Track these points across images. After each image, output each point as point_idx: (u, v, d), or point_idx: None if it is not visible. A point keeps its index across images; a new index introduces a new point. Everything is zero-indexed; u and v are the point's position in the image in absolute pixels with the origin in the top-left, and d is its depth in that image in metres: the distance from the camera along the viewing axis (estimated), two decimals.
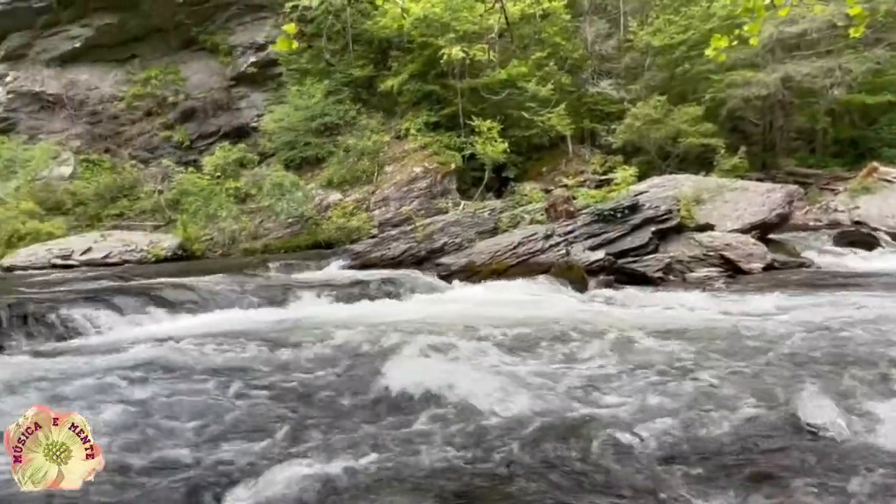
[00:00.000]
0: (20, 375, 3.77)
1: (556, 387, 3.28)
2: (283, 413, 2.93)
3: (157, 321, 5.88)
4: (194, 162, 17.97)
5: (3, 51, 18.39)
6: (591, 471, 2.23)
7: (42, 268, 11.40)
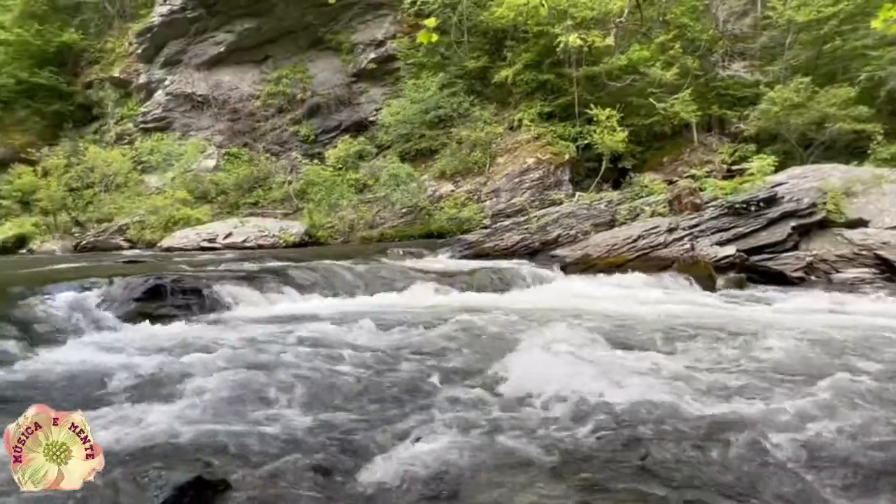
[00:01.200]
0: (181, 340, 4.30)
1: (686, 386, 3.12)
2: (402, 392, 3.07)
3: (291, 300, 6.39)
4: (318, 154, 19.22)
5: (163, 57, 20.82)
6: (731, 474, 2.10)
7: (192, 249, 12.86)
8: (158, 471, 1.91)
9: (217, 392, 2.89)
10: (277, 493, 1.90)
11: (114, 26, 22.45)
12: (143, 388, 3.10)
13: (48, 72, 21.38)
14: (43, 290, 5.62)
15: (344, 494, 1.96)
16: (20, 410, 2.76)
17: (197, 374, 3.19)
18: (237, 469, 2.02)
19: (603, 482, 2.00)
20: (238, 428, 2.40)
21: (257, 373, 3.14)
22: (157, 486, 1.81)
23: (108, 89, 21.57)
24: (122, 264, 9.51)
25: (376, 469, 2.10)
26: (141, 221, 15.60)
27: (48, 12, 21.71)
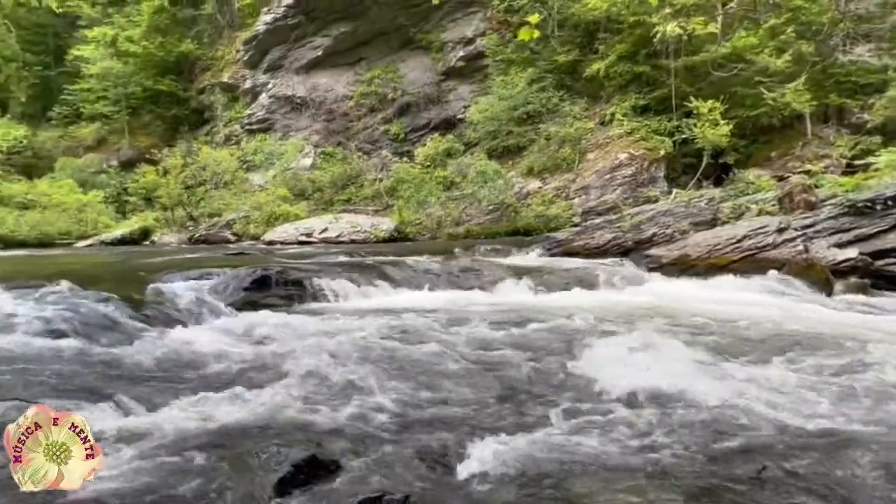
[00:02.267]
0: (285, 327, 4.58)
1: (801, 398, 2.89)
2: (497, 387, 3.08)
3: (384, 294, 6.61)
4: (408, 153, 19.68)
5: (266, 63, 22.20)
6: (863, 497, 1.93)
7: (291, 243, 13.65)
8: (277, 447, 2.06)
9: (322, 377, 3.06)
10: (383, 477, 1.98)
11: (224, 35, 24.25)
12: (255, 370, 3.34)
13: (168, 80, 23.53)
14: (165, 278, 6.22)
15: (445, 482, 2.02)
16: (154, 382, 3.09)
17: (302, 360, 3.39)
18: (345, 451, 2.13)
19: (716, 492, 1.91)
20: (344, 412, 2.53)
21: (359, 361, 3.29)
22: (277, 461, 1.96)
23: (218, 94, 23.34)
24: (230, 256, 10.30)
25: (476, 461, 2.13)
26: (246, 216, 16.77)
27: (169, 26, 23.85)
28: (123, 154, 23.04)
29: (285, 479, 1.85)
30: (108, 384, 2.93)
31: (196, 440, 2.22)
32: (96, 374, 3.08)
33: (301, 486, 1.86)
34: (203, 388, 2.93)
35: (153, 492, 1.82)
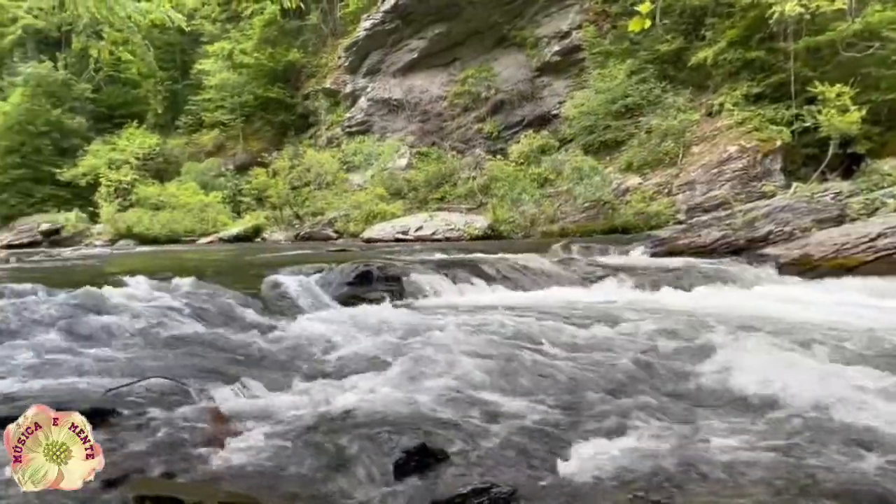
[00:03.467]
0: (387, 321, 4.76)
1: None
2: (602, 386, 3.00)
3: (480, 291, 6.67)
4: (501, 150, 19.64)
5: (365, 67, 23.11)
6: None
7: (388, 240, 14.13)
8: (388, 434, 2.16)
9: (424, 370, 3.15)
10: (489, 469, 2.01)
11: (327, 43, 25.55)
12: (362, 360, 3.51)
13: (277, 88, 25.20)
14: (276, 273, 6.68)
15: (550, 480, 2.01)
16: (272, 367, 3.35)
17: (405, 353, 3.51)
18: (451, 442, 2.18)
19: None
20: (448, 405, 2.59)
21: (460, 356, 3.35)
22: (389, 447, 2.05)
23: (322, 99, 24.64)
24: (332, 252, 10.86)
25: (582, 460, 2.10)
26: (346, 215, 17.60)
27: (278, 37, 25.52)
28: (238, 158, 25.00)
29: (398, 465, 1.93)
30: (234, 367, 3.21)
31: (313, 422, 2.38)
32: (223, 357, 3.39)
33: (412, 473, 1.93)
34: (316, 375, 3.12)
35: (279, 467, 1.98)
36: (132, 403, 2.42)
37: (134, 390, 2.57)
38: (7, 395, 2.45)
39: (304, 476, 1.94)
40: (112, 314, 4.22)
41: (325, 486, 1.87)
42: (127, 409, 2.36)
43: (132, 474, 1.76)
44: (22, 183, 25.79)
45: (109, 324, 3.99)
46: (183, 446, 2.09)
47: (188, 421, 2.32)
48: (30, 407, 1.43)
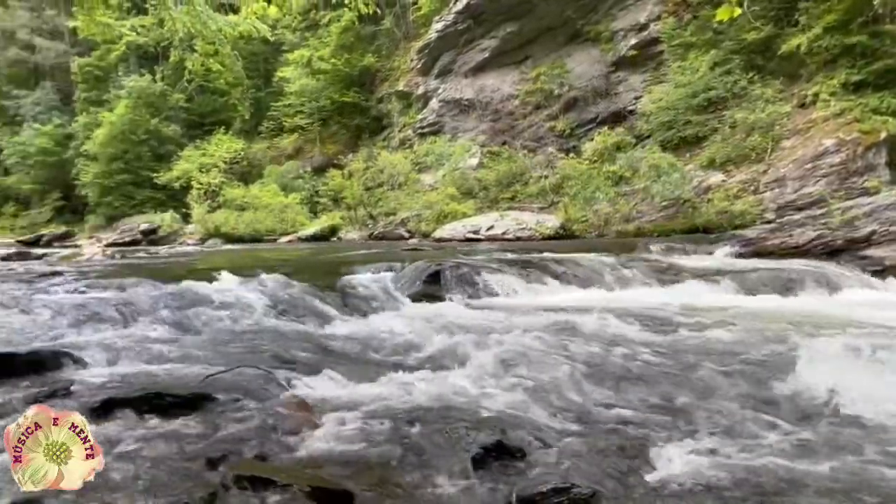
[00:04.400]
0: (460, 319, 4.79)
1: None
2: (682, 391, 2.87)
3: (553, 291, 6.58)
4: (574, 148, 19.25)
5: (437, 69, 23.38)
6: None
7: (459, 240, 14.22)
8: (465, 429, 2.18)
9: (500, 368, 3.15)
10: (568, 469, 1.99)
11: (400, 47, 26.10)
12: (437, 357, 3.56)
13: (352, 92, 26.04)
14: (353, 271, 6.91)
15: (631, 482, 1.96)
16: (354, 360, 3.47)
17: (481, 351, 3.53)
18: (529, 440, 2.18)
19: None
20: (524, 403, 2.59)
21: (534, 355, 3.33)
22: (466, 442, 2.08)
23: (395, 101, 25.19)
24: (405, 251, 11.07)
25: (666, 464, 2.04)
26: (418, 215, 17.88)
27: (354, 43, 26.34)
28: (316, 161, 26.04)
29: (476, 459, 1.95)
30: (316, 359, 3.36)
31: (392, 413, 2.44)
32: (306, 349, 3.55)
33: (490, 468, 1.95)
34: (393, 369, 3.20)
35: (361, 456, 2.05)
36: (226, 390, 2.59)
37: (227, 378, 2.75)
38: (121, 378, 2.69)
39: (384, 465, 2.00)
40: (206, 307, 4.53)
41: (405, 475, 1.92)
42: (221, 394, 2.52)
43: (230, 455, 1.89)
44: (124, 187, 28.23)
45: (204, 315, 4.29)
46: (272, 431, 2.22)
47: (276, 408, 2.45)
48: (136, 390, 1.57)
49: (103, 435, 2.03)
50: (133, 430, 2.10)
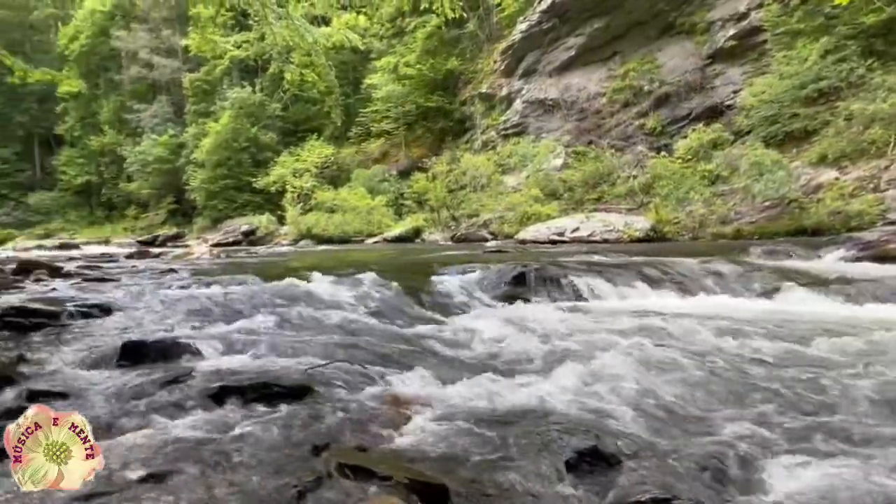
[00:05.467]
0: (547, 322, 4.73)
1: None
2: (787, 408, 2.67)
3: (643, 295, 6.33)
4: (665, 146, 18.42)
5: (521, 70, 23.24)
6: None
7: (543, 242, 14.03)
8: (558, 433, 2.16)
9: (590, 373, 3.08)
10: (666, 480, 1.91)
11: (483, 49, 26.20)
12: (525, 359, 3.55)
13: (437, 96, 26.48)
14: (439, 272, 7.02)
15: (736, 500, 1.85)
16: (443, 360, 3.53)
17: (569, 354, 3.48)
18: (624, 448, 2.12)
19: None
20: (618, 410, 2.52)
21: (626, 360, 3.23)
22: (559, 446, 2.06)
23: (478, 104, 25.32)
24: (489, 253, 11.10)
25: (774, 482, 1.91)
26: (501, 217, 17.87)
27: (438, 47, 26.80)
28: (401, 164, 26.75)
29: (569, 464, 1.93)
30: (407, 357, 3.45)
31: (482, 413, 2.47)
32: (398, 347, 3.66)
33: (583, 474, 1.92)
34: (481, 370, 3.23)
35: (454, 453, 2.09)
36: (325, 382, 2.73)
37: (325, 371, 2.90)
38: (231, 367, 2.91)
39: (476, 463, 2.02)
40: (303, 303, 4.80)
41: (497, 474, 1.93)
42: (321, 387, 2.67)
43: (332, 444, 2.00)
44: (227, 191, 30.45)
45: (301, 312, 4.54)
46: (369, 424, 2.31)
47: (371, 402, 2.55)
48: (251, 379, 1.67)
49: (220, 419, 2.22)
50: (245, 416, 2.27)
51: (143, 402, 2.36)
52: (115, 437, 2.03)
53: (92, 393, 2.48)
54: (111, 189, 41.54)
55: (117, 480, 1.66)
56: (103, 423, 2.14)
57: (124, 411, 2.27)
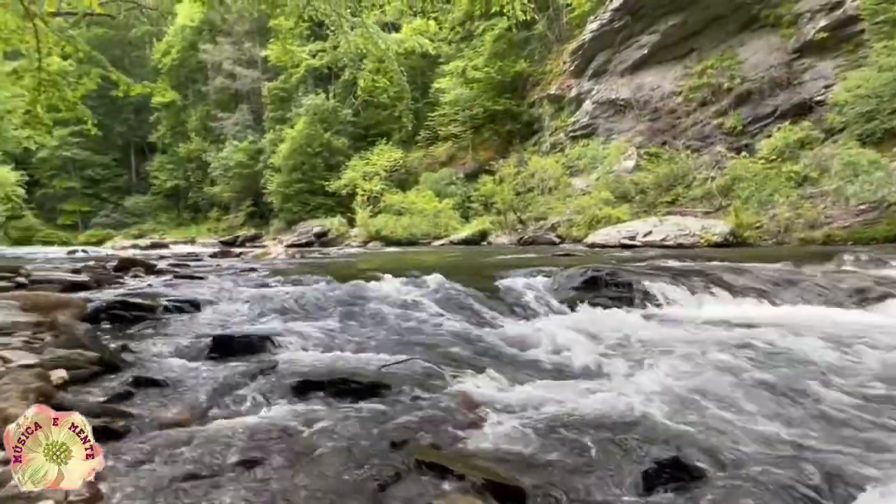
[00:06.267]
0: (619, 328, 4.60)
1: None
2: (885, 430, 2.47)
3: (722, 302, 6.02)
4: (746, 146, 17.47)
5: (591, 70, 22.76)
6: None
7: (613, 246, 13.66)
8: (637, 442, 2.11)
9: (665, 382, 2.98)
10: (753, 498, 1.82)
11: (552, 50, 25.87)
12: (598, 365, 3.47)
13: (504, 98, 26.42)
14: (507, 275, 7.00)
15: None
16: (513, 362, 3.53)
17: (641, 362, 3.37)
18: (708, 461, 2.03)
19: None
20: (698, 422, 2.42)
21: (707, 371, 3.10)
22: (638, 455, 2.00)
23: (546, 105, 25.02)
24: (557, 256, 10.93)
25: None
26: (569, 220, 17.56)
27: (506, 50, 26.74)
28: (468, 167, 26.87)
29: (648, 474, 1.88)
30: (477, 359, 3.47)
31: (555, 418, 2.44)
32: (469, 348, 3.69)
33: (664, 486, 1.86)
34: (553, 375, 3.20)
35: (528, 456, 2.08)
36: (399, 380, 2.80)
37: (399, 369, 2.97)
38: (311, 362, 3.05)
39: (550, 467, 2.01)
40: (374, 303, 4.93)
41: (572, 480, 1.91)
42: (396, 384, 2.73)
43: (409, 441, 2.05)
44: (301, 194, 31.73)
45: (373, 310, 4.67)
46: (442, 423, 2.35)
47: (444, 401, 2.59)
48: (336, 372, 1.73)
49: (303, 411, 2.33)
50: (326, 409, 2.37)
51: (233, 391, 2.52)
52: (211, 422, 2.18)
53: (188, 382, 2.67)
54: (196, 192, 44.37)
55: (218, 463, 1.78)
56: (201, 409, 2.31)
57: (218, 399, 2.43)
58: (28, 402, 1.97)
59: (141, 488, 1.63)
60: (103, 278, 6.55)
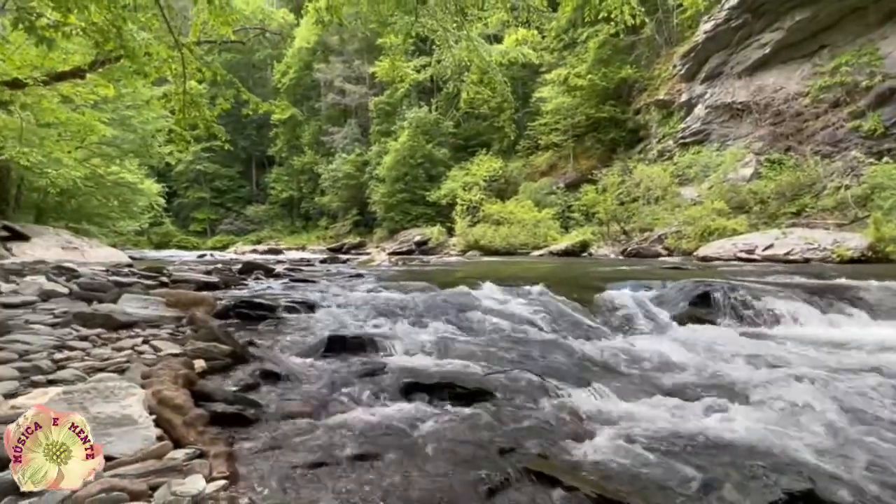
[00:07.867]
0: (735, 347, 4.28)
1: None
2: None
3: (860, 324, 5.42)
4: (888, 151, 15.57)
5: (704, 73, 21.48)
6: None
7: (728, 259, 12.73)
8: (763, 470, 1.96)
9: (791, 408, 2.73)
10: None
11: (661, 54, 24.74)
12: (712, 385, 3.26)
13: (608, 106, 25.65)
14: (611, 287, 6.76)
15: None
16: (619, 377, 3.41)
17: (763, 385, 3.11)
18: (844, 496, 1.84)
19: None
20: (829, 453, 2.20)
21: (839, 399, 2.80)
22: (765, 484, 1.86)
23: (653, 112, 23.94)
24: (665, 270, 10.38)
25: None
26: (678, 231, 16.61)
27: (611, 56, 25.97)
28: (568, 177, 26.35)
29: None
30: (584, 372, 3.40)
31: (666, 437, 2.33)
32: (572, 361, 3.62)
33: None
34: (663, 392, 3.05)
35: (637, 473, 2.01)
36: (503, 388, 2.81)
37: (503, 377, 2.98)
38: (415, 366, 3.15)
39: (663, 487, 1.92)
40: (475, 311, 4.99)
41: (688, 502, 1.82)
42: (500, 392, 2.75)
43: (517, 448, 2.06)
44: (403, 204, 32.81)
45: (474, 319, 4.73)
46: (548, 433, 2.33)
47: (550, 412, 2.56)
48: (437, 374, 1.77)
49: (412, 411, 2.42)
50: (433, 411, 2.44)
51: (347, 388, 2.67)
52: (329, 416, 2.32)
53: (307, 377, 2.87)
54: (308, 202, 47.43)
55: (336, 454, 1.91)
56: (320, 402, 2.47)
57: (333, 395, 2.59)
58: (177, 385, 2.22)
59: (272, 471, 1.78)
60: (230, 280, 7.21)
